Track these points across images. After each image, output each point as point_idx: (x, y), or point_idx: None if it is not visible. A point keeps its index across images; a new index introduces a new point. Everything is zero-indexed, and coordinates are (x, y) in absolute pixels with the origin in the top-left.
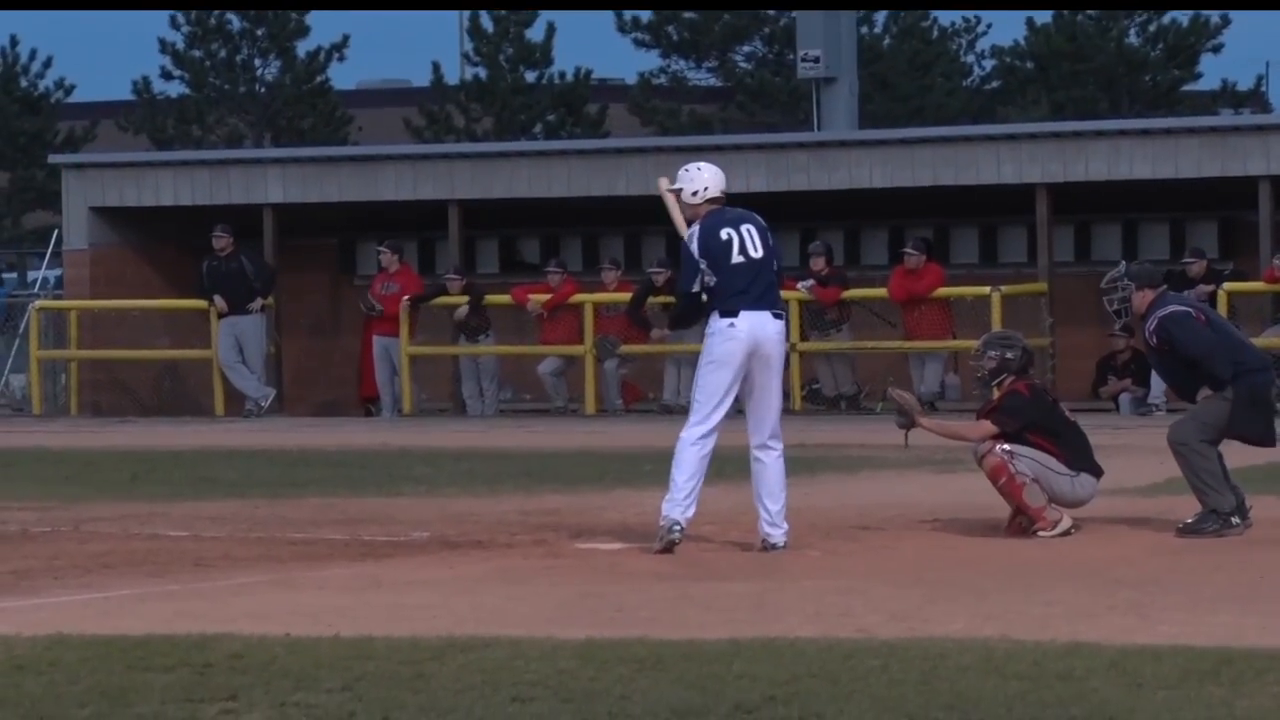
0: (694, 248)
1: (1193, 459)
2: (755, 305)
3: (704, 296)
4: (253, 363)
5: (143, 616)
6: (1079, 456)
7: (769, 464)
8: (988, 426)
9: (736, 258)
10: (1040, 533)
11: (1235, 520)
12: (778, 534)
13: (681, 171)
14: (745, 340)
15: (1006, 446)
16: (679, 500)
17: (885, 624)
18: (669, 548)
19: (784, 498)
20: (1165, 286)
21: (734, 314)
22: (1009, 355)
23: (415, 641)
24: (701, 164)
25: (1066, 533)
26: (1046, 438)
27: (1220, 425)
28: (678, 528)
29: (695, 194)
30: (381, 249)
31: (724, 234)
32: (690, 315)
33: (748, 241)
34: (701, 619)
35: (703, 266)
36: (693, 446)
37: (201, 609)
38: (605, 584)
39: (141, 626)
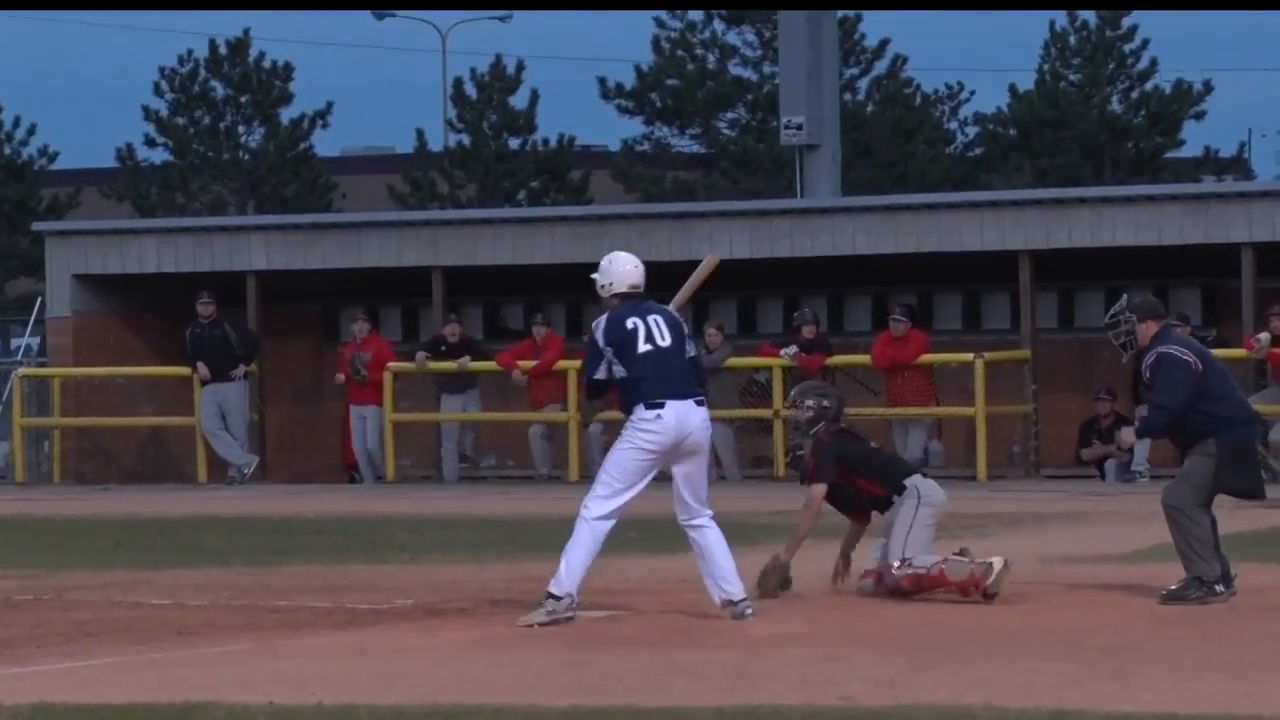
0: (598, 336)
1: (1184, 524)
2: (679, 394)
3: (606, 384)
4: (236, 429)
5: (125, 685)
6: (893, 473)
7: (709, 531)
8: (815, 492)
9: (643, 346)
10: (990, 592)
11: (1220, 589)
12: (735, 588)
13: (603, 261)
14: (672, 433)
15: (895, 563)
16: (573, 581)
17: (869, 691)
18: (554, 623)
19: (731, 556)
20: (1168, 320)
21: (660, 405)
22: (825, 404)
23: (399, 710)
24: (615, 256)
25: (1006, 566)
26: (865, 474)
27: (1209, 483)
28: (574, 604)
29: (603, 288)
30: (357, 320)
31: (630, 323)
32: (594, 399)
33: (654, 331)
34: (685, 687)
35: (608, 355)
36: (594, 523)
37: (185, 677)
38: (589, 651)
39: (124, 695)
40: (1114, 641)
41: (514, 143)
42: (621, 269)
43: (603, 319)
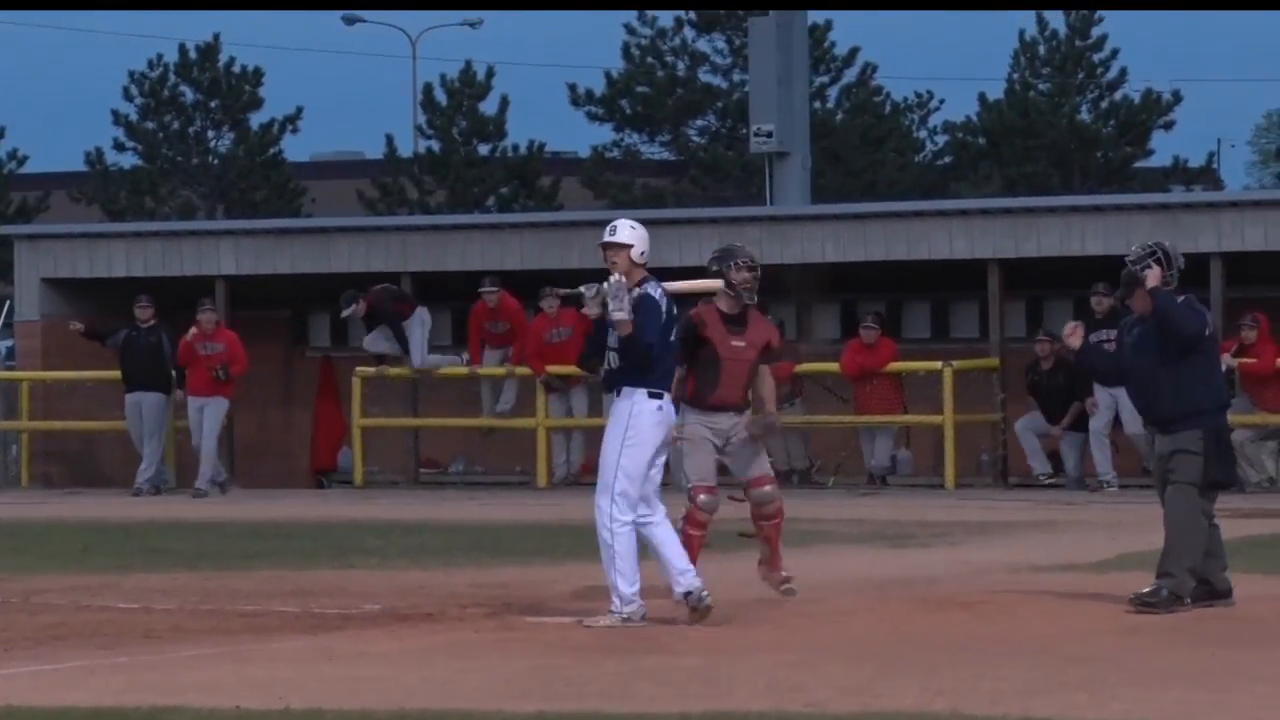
0: (663, 305)
1: (1181, 535)
2: (667, 388)
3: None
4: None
5: (93, 689)
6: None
7: (660, 528)
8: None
9: (672, 336)
10: (786, 586)
11: (1188, 601)
12: (690, 578)
13: (629, 228)
14: (667, 426)
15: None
16: (633, 590)
17: (836, 698)
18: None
19: (684, 550)
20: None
21: (660, 397)
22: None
23: (366, 714)
24: (636, 224)
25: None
26: None
27: (1200, 480)
28: (643, 608)
29: (642, 254)
30: (204, 308)
31: (666, 305)
32: (637, 368)
33: (671, 319)
34: (652, 693)
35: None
36: (624, 530)
37: (152, 681)
38: (556, 657)
39: (91, 699)
40: (1081, 650)
41: (484, 149)
42: (648, 239)
43: (657, 289)
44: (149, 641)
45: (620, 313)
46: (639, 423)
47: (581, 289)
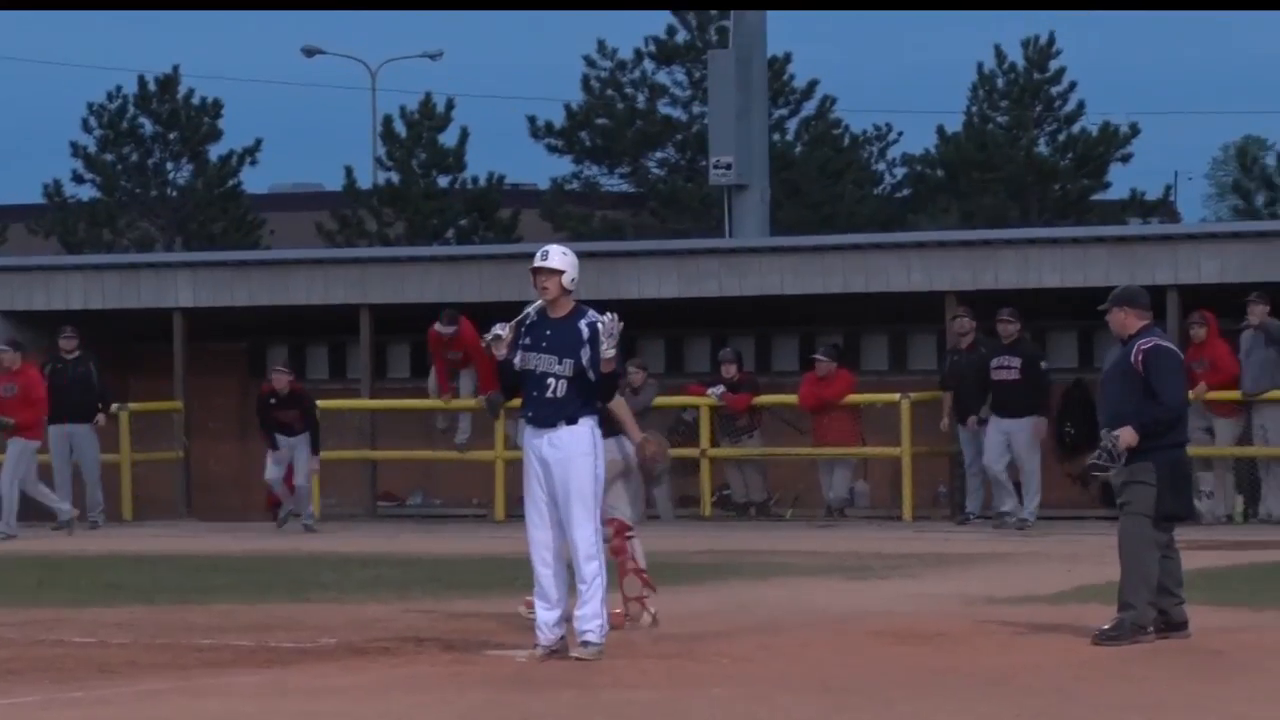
0: (616, 332)
1: (1130, 561)
2: None
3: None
4: (90, 474)
5: None
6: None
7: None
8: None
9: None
10: (642, 618)
11: (1150, 630)
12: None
13: (560, 253)
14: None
15: (630, 532)
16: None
17: None
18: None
19: None
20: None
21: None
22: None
23: None
24: (567, 249)
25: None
26: None
27: (1153, 512)
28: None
29: (574, 280)
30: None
31: None
32: (591, 398)
33: None
34: None
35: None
36: (600, 560)
37: (107, 716)
38: (512, 692)
39: None
40: (1038, 682)
41: (443, 181)
42: (579, 267)
43: (611, 319)
44: (104, 676)
45: (611, 350)
46: (600, 450)
47: (496, 330)
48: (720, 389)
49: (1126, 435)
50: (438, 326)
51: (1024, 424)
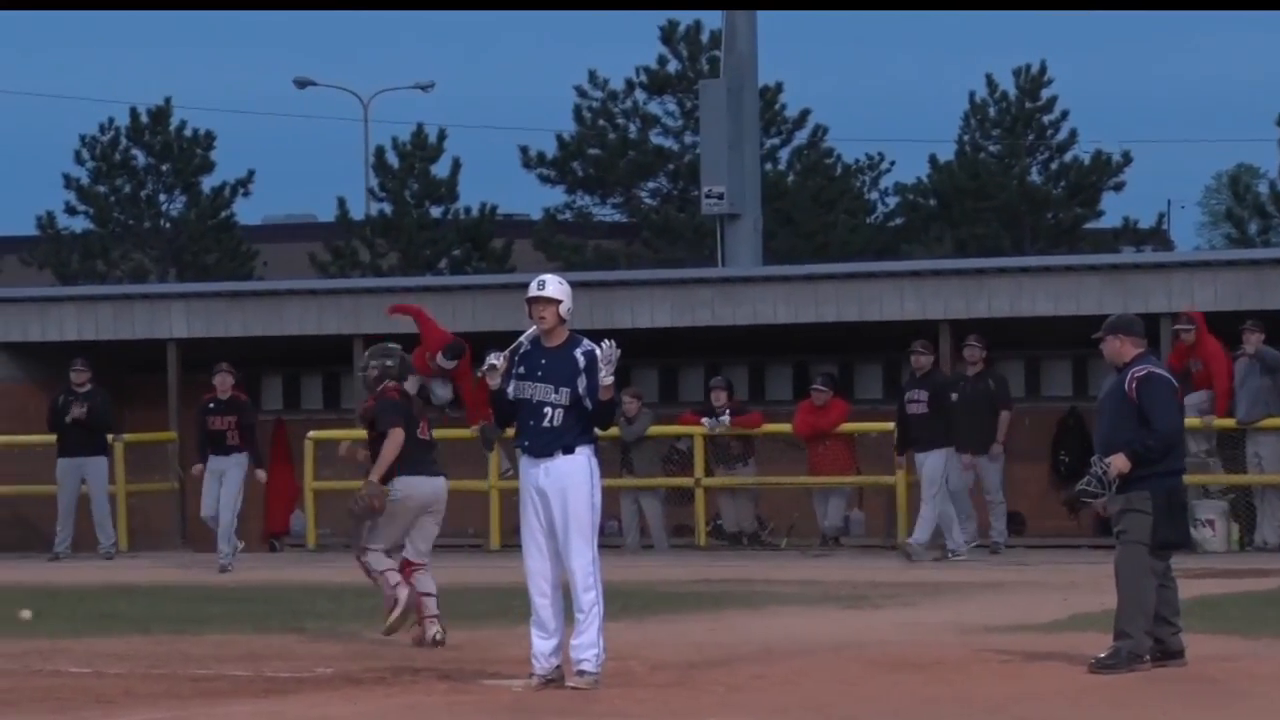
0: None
1: (1127, 590)
2: None
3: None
4: (101, 508)
5: None
6: (409, 461)
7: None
8: (396, 435)
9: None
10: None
11: (1147, 659)
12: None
13: (557, 283)
14: None
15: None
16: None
17: None
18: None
19: None
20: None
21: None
22: (389, 363)
23: None
24: (563, 279)
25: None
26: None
27: (1148, 540)
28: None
29: (569, 309)
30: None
31: None
32: (589, 427)
33: None
34: None
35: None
36: (600, 588)
37: None
38: None
39: None
40: (1034, 711)
41: (436, 211)
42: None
43: (609, 345)
44: (101, 706)
45: (610, 378)
46: (596, 479)
47: (491, 360)
48: (719, 419)
49: (1119, 462)
50: (440, 359)
51: (934, 455)
